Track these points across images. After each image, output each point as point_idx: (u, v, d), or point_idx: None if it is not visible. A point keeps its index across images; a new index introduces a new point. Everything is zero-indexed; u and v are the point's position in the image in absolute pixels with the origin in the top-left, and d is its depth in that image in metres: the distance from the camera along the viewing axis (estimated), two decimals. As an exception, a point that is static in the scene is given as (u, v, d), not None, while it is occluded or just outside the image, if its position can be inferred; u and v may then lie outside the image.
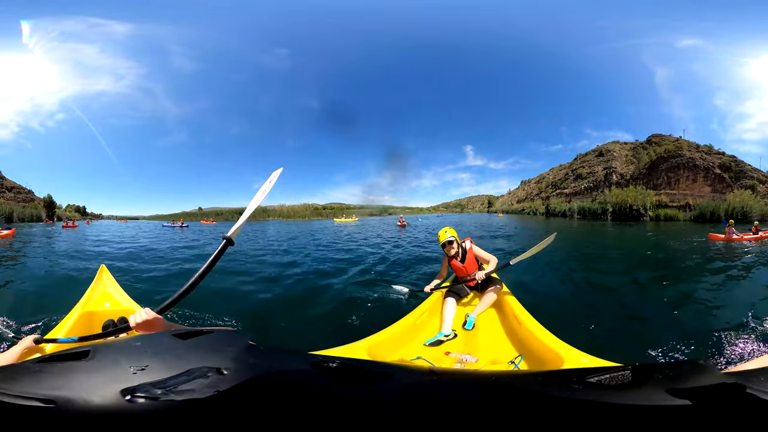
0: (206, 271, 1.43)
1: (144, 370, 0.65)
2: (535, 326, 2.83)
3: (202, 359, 0.71)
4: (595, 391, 0.65)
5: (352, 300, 4.96)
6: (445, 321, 3.18)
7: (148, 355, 0.73)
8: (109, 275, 4.02)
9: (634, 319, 4.13)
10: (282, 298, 5.45)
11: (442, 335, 3.02)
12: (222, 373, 0.66)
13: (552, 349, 2.41)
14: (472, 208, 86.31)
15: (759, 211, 34.46)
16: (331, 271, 7.52)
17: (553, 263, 7.67)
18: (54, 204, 56.29)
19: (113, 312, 3.14)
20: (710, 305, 4.61)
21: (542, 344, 2.56)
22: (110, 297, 3.55)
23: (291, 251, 11.63)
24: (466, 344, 3.05)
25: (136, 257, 10.23)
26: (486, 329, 3.31)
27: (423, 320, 3.32)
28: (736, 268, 7.43)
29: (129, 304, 3.36)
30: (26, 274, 7.54)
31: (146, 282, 6.51)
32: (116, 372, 0.66)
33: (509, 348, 2.95)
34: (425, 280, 5.34)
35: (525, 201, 68.40)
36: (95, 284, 3.79)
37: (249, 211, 1.81)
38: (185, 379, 0.63)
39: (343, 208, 73.63)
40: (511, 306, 3.35)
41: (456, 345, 3.00)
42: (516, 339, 3.01)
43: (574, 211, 48.61)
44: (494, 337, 3.19)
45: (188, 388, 0.60)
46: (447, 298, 3.41)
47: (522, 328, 2.98)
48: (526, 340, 2.85)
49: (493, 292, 3.48)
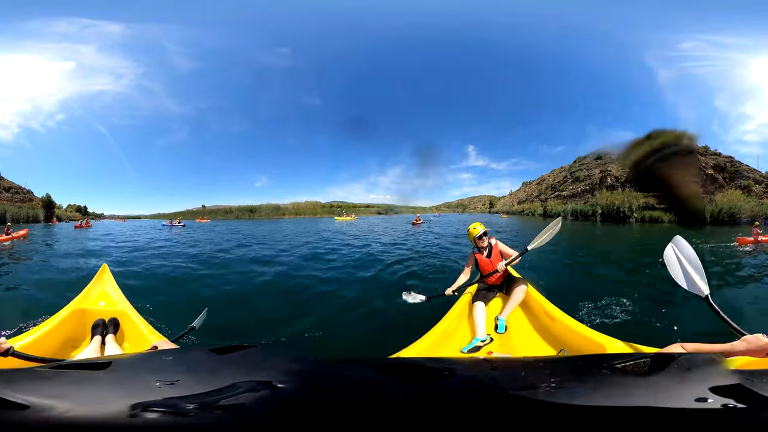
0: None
1: (173, 385, 0.64)
2: (570, 320, 2.84)
3: (249, 374, 0.70)
4: (622, 375, 0.70)
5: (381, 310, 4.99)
6: (478, 325, 3.13)
7: (180, 370, 0.73)
8: (110, 275, 3.98)
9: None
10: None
11: (479, 341, 2.97)
12: (275, 386, 0.63)
13: (592, 340, 2.46)
14: (474, 208, 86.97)
15: (749, 211, 34.19)
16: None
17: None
18: (53, 204, 54.77)
19: (107, 312, 3.14)
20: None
21: (581, 336, 2.58)
22: (107, 297, 3.52)
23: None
24: (503, 346, 3.01)
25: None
26: (519, 329, 3.27)
27: (453, 327, 3.24)
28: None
29: (124, 306, 3.32)
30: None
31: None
32: (135, 385, 0.65)
33: (547, 345, 2.97)
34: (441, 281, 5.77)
35: (525, 202, 69.08)
36: (94, 283, 3.75)
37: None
38: (230, 393, 0.61)
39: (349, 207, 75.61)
40: (540, 303, 3.31)
41: (494, 348, 2.98)
42: (551, 335, 3.01)
43: (568, 212, 50.08)
44: (529, 336, 3.16)
45: (235, 402, 0.58)
46: (475, 303, 3.36)
47: (556, 323, 2.97)
48: (562, 335, 2.85)
49: (520, 292, 3.41)
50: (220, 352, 0.82)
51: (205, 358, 0.81)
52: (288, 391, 0.63)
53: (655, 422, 0.59)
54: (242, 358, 0.81)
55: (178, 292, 6.35)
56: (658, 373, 0.73)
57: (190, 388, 0.62)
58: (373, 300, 5.53)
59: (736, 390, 0.65)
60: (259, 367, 0.75)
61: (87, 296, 3.47)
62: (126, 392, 0.62)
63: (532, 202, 66.14)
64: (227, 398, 0.59)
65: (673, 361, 0.79)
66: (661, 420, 0.60)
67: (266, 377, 0.67)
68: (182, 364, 0.78)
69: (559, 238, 3.96)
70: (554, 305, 3.18)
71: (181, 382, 0.65)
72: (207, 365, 0.76)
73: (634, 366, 0.74)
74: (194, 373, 0.72)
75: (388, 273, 7.81)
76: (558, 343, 2.87)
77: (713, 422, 0.60)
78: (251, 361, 0.81)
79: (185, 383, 0.65)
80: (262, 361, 0.82)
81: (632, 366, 0.74)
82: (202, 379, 0.67)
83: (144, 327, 2.97)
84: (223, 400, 0.59)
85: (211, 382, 0.64)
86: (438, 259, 9.61)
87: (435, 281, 6.73)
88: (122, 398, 0.58)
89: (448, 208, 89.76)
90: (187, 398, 0.59)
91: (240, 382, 0.64)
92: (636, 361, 0.76)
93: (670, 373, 0.74)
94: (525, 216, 59.43)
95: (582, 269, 8.74)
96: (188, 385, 0.64)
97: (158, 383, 0.64)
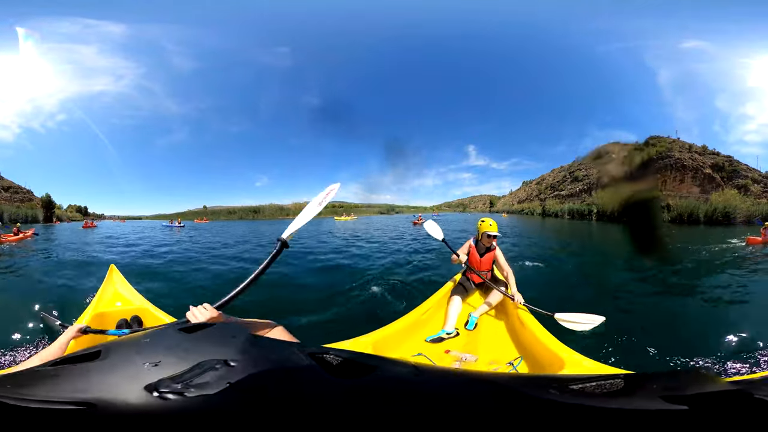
0: (261, 273, 1.50)
1: (157, 366, 0.65)
2: (538, 329, 2.83)
3: (211, 352, 0.71)
4: (577, 397, 0.62)
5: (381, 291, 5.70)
6: (449, 318, 3.20)
7: (160, 350, 0.73)
8: (119, 275, 3.99)
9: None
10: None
11: (444, 332, 3.05)
12: (230, 365, 0.65)
13: (554, 353, 2.41)
14: (474, 207, 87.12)
15: (745, 211, 33.75)
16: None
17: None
18: (53, 204, 53.90)
19: (125, 311, 3.16)
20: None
21: (544, 347, 2.55)
22: (121, 296, 3.53)
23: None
24: (467, 343, 3.04)
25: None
26: (488, 330, 3.28)
27: (428, 315, 3.32)
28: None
29: (141, 303, 3.35)
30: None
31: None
32: (131, 369, 0.66)
33: (510, 349, 2.95)
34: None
35: (525, 202, 69.32)
36: (106, 284, 3.78)
37: (304, 217, 1.87)
38: (198, 372, 0.62)
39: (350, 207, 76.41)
40: (516, 308, 3.31)
41: (457, 343, 3.00)
42: (517, 341, 3.01)
43: (565, 212, 50.63)
44: (495, 337, 3.17)
45: (202, 381, 0.59)
46: (453, 296, 3.44)
47: (524, 329, 2.97)
48: (527, 343, 2.84)
49: (498, 293, 3.45)
50: (187, 330, 0.85)
51: (177, 338, 0.83)
52: (236, 370, 0.64)
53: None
54: (205, 336, 0.84)
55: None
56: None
57: (172, 368, 0.64)
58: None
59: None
60: (218, 346, 0.77)
61: (102, 299, 3.47)
62: (125, 376, 0.63)
63: (532, 202, 66.42)
64: (197, 377, 0.61)
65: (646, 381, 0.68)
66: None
67: (224, 355, 0.69)
68: (159, 344, 0.79)
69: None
70: (530, 312, 3.17)
71: (162, 362, 0.67)
72: (180, 344, 0.78)
73: (596, 387, 0.65)
74: (171, 352, 0.73)
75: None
76: (520, 349, 2.86)
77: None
78: (211, 340, 0.83)
79: (165, 363, 0.67)
80: (221, 339, 0.83)
81: (593, 388, 0.65)
82: (180, 358, 0.69)
83: (166, 318, 3.02)
84: (197, 379, 0.60)
85: (185, 362, 0.66)
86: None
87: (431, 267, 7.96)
88: (132, 382, 0.60)
89: (448, 208, 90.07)
90: (173, 378, 0.60)
91: (205, 360, 0.66)
92: (599, 383, 0.66)
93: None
94: (524, 215, 59.87)
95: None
96: (169, 365, 0.66)
97: (146, 364, 0.66)
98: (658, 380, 0.67)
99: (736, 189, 39.82)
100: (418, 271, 7.99)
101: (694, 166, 44.17)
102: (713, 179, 42.52)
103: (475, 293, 3.77)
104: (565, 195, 58.49)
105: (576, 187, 57.04)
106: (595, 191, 51.37)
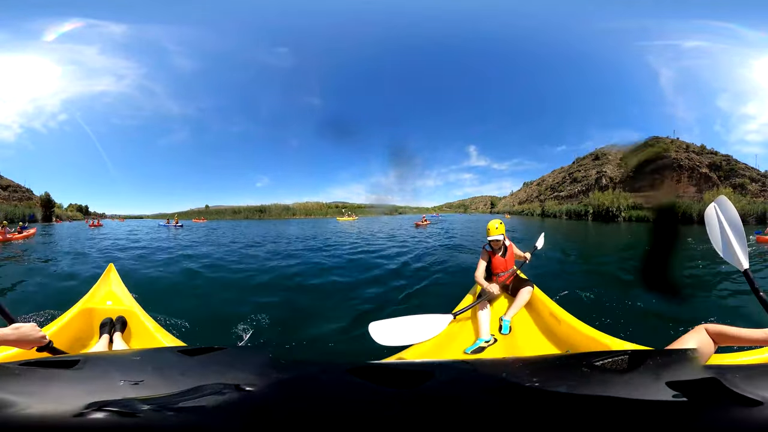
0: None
1: (136, 385, 0.63)
2: (576, 322, 2.82)
3: (216, 376, 0.68)
4: (600, 373, 0.69)
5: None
6: (482, 326, 3.14)
7: (146, 370, 0.72)
8: (116, 274, 4.03)
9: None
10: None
11: (482, 341, 2.98)
12: (243, 389, 0.62)
13: (598, 341, 2.43)
14: (475, 208, 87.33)
15: (740, 210, 33.91)
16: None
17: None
18: (52, 203, 53.24)
19: (113, 311, 3.19)
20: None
21: (586, 338, 2.57)
22: (113, 296, 3.57)
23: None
24: (508, 347, 3.01)
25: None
26: (524, 331, 3.25)
27: (457, 329, 3.25)
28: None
29: (130, 305, 3.38)
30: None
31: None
32: (100, 384, 0.65)
33: (552, 346, 2.94)
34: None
35: (525, 202, 69.57)
36: (101, 282, 3.82)
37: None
38: (192, 396, 0.60)
39: (353, 208, 77.24)
40: (546, 304, 3.30)
41: (497, 350, 2.97)
42: (556, 337, 3.00)
43: (563, 212, 51.62)
44: (534, 337, 3.15)
45: (197, 405, 0.57)
46: (479, 303, 3.36)
47: (562, 325, 2.96)
48: (567, 336, 2.84)
49: (525, 293, 3.42)
50: (190, 353, 0.82)
51: (173, 359, 0.82)
52: (256, 395, 0.62)
53: (626, 416, 0.59)
54: (211, 360, 0.81)
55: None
56: (634, 371, 0.72)
57: (154, 389, 0.62)
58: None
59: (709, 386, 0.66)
60: (228, 370, 0.75)
61: (94, 296, 3.52)
62: (86, 391, 0.62)
63: (532, 203, 66.72)
64: (188, 400, 0.59)
65: (650, 357, 0.78)
66: (634, 413, 0.60)
67: (234, 380, 0.66)
68: (150, 364, 0.78)
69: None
70: (560, 306, 3.17)
71: (145, 382, 0.66)
72: (175, 366, 0.76)
73: (612, 363, 0.73)
74: (160, 373, 0.71)
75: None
76: (563, 344, 2.85)
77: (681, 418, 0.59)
78: (220, 364, 0.80)
79: (149, 383, 0.66)
80: (232, 363, 0.80)
81: (611, 363, 0.73)
82: (168, 380, 0.68)
83: (151, 324, 3.07)
84: (183, 402, 0.58)
85: (176, 384, 0.64)
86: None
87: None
88: (80, 397, 0.58)
89: (449, 208, 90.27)
90: (145, 399, 0.58)
91: (206, 384, 0.63)
92: (614, 358, 0.74)
93: (644, 370, 0.72)
94: (525, 216, 60.69)
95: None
96: (152, 386, 0.64)
97: (122, 382, 0.65)
98: (654, 358, 0.75)
99: (732, 188, 39.80)
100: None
101: (691, 166, 44.36)
102: (710, 178, 42.59)
103: (500, 297, 3.67)
104: (564, 196, 58.82)
105: (575, 188, 57.39)
106: (592, 192, 51.64)
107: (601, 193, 48.56)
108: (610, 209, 43.52)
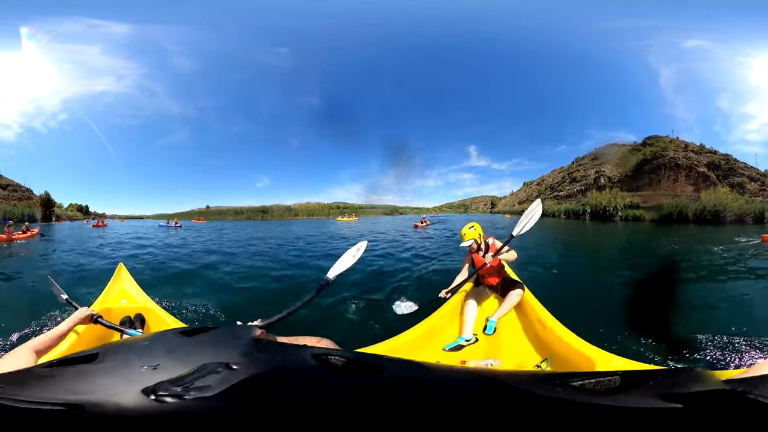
0: (304, 305, 1.72)
1: (156, 369, 0.65)
2: (561, 329, 2.77)
3: (212, 355, 0.71)
4: (580, 394, 0.61)
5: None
6: (466, 324, 3.12)
7: (159, 354, 0.73)
8: (127, 273, 4.07)
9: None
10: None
11: (463, 339, 2.96)
12: (231, 368, 0.64)
13: (581, 352, 2.37)
14: (476, 208, 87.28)
15: (737, 209, 33.37)
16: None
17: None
18: (52, 202, 52.67)
19: (129, 309, 3.21)
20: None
21: (570, 347, 2.51)
22: (127, 294, 3.60)
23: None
24: (488, 348, 2.98)
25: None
26: (508, 333, 3.21)
27: (443, 324, 3.24)
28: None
29: (145, 302, 3.40)
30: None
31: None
32: (128, 372, 0.66)
33: (533, 352, 2.91)
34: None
35: (525, 202, 69.62)
36: (113, 282, 3.86)
37: (344, 263, 2.26)
38: (199, 375, 0.62)
39: (354, 208, 77.59)
40: (534, 309, 3.24)
41: (477, 350, 2.94)
42: (540, 343, 2.96)
43: (561, 212, 51.82)
44: (517, 340, 3.12)
45: (204, 384, 0.59)
46: (467, 301, 3.36)
47: (547, 331, 2.91)
48: (551, 344, 2.79)
49: (515, 295, 3.36)
50: (188, 334, 0.85)
51: (178, 341, 0.82)
52: (238, 372, 0.64)
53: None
54: (206, 340, 0.84)
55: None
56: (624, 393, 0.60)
57: (171, 372, 0.64)
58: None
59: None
60: (221, 349, 0.77)
61: (108, 296, 3.55)
62: (126, 379, 0.63)
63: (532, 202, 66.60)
64: (199, 379, 0.60)
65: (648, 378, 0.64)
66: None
67: (225, 358, 0.68)
68: (161, 347, 0.79)
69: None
70: (549, 312, 3.10)
71: (162, 365, 0.67)
72: (182, 348, 0.78)
73: (595, 384, 0.63)
74: (173, 356, 0.73)
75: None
76: (545, 351, 2.81)
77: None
78: (213, 343, 0.83)
79: (165, 366, 0.67)
80: (225, 342, 0.83)
81: (592, 384, 0.63)
82: (180, 362, 0.69)
83: (169, 319, 3.09)
84: (197, 382, 0.60)
85: (186, 365, 0.66)
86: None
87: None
88: (129, 384, 0.59)
89: (449, 209, 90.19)
90: (172, 381, 0.59)
91: (206, 363, 0.65)
92: (598, 380, 0.63)
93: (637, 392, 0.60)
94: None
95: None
96: (168, 369, 0.66)
97: (144, 368, 0.66)
98: (655, 378, 0.66)
99: (730, 187, 39.73)
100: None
101: (688, 165, 44.36)
102: (708, 178, 42.56)
103: (490, 297, 3.68)
104: (564, 196, 58.98)
105: (574, 188, 57.57)
106: (590, 192, 51.81)
107: (599, 192, 48.83)
108: (607, 208, 43.80)
